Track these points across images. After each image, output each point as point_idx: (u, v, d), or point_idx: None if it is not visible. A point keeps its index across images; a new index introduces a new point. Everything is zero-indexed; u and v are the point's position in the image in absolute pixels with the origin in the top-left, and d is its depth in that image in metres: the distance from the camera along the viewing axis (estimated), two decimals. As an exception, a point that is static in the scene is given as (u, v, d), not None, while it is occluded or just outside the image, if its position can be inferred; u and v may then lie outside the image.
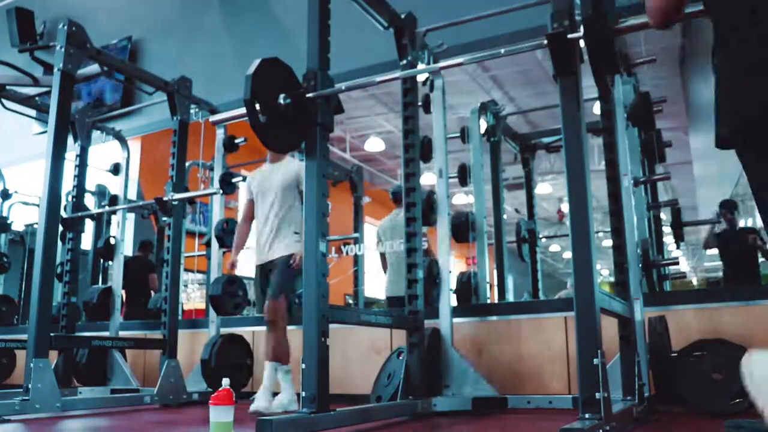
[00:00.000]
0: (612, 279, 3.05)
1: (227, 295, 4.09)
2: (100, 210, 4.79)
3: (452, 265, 3.33)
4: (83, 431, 2.69)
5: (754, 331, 2.93)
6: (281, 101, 2.29)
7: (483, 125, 4.55)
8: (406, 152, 3.15)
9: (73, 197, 4.28)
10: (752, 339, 2.83)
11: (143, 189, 6.38)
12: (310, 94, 2.39)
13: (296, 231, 3.36)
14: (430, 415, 2.87)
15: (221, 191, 4.16)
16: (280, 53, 2.34)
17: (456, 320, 3.26)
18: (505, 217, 4.98)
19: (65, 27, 3.30)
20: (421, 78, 3.39)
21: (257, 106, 2.13)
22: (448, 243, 3.33)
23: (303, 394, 2.27)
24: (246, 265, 3.68)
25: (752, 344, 2.66)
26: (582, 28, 1.95)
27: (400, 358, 3.10)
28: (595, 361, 1.80)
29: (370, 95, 8.80)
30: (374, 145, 10.16)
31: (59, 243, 3.52)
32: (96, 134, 4.62)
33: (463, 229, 4.10)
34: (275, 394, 3.24)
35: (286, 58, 2.37)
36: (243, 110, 2.58)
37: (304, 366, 2.28)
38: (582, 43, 2.02)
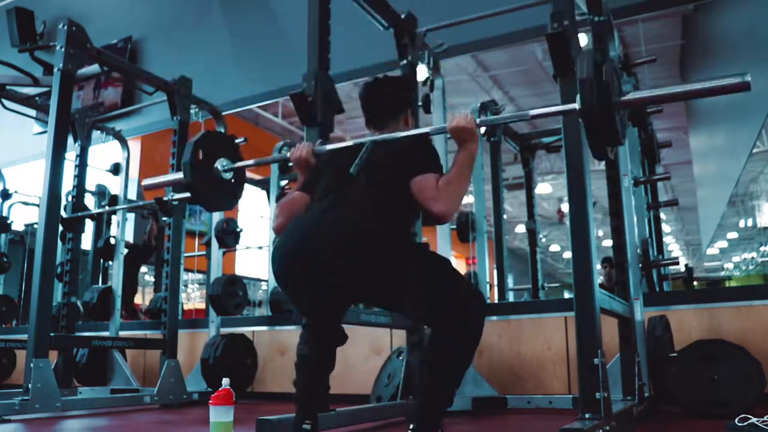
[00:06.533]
0: (612, 279, 3.04)
1: (227, 295, 4.09)
2: (100, 210, 4.79)
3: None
4: (83, 431, 2.69)
5: (754, 331, 2.94)
6: (219, 166, 2.13)
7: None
8: (407, 152, 3.14)
9: (73, 197, 4.27)
10: (752, 339, 2.84)
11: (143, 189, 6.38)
12: (310, 95, 2.40)
13: None
14: (430, 415, 2.86)
15: (221, 191, 4.15)
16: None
17: (456, 320, 3.25)
18: (505, 216, 4.99)
19: (65, 27, 3.30)
20: (421, 78, 3.39)
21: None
22: (449, 243, 3.33)
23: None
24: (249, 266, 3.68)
25: (752, 344, 2.67)
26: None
27: (400, 358, 3.09)
28: (595, 361, 1.80)
29: (370, 95, 8.80)
30: (374, 145, 10.14)
31: (59, 243, 3.52)
32: (96, 134, 4.61)
33: (463, 229, 4.10)
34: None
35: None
36: (176, 176, 2.23)
37: (304, 366, 2.27)
38: (582, 42, 2.02)
